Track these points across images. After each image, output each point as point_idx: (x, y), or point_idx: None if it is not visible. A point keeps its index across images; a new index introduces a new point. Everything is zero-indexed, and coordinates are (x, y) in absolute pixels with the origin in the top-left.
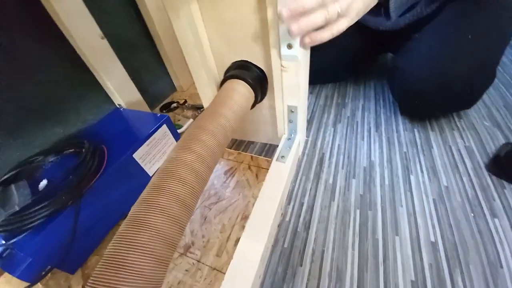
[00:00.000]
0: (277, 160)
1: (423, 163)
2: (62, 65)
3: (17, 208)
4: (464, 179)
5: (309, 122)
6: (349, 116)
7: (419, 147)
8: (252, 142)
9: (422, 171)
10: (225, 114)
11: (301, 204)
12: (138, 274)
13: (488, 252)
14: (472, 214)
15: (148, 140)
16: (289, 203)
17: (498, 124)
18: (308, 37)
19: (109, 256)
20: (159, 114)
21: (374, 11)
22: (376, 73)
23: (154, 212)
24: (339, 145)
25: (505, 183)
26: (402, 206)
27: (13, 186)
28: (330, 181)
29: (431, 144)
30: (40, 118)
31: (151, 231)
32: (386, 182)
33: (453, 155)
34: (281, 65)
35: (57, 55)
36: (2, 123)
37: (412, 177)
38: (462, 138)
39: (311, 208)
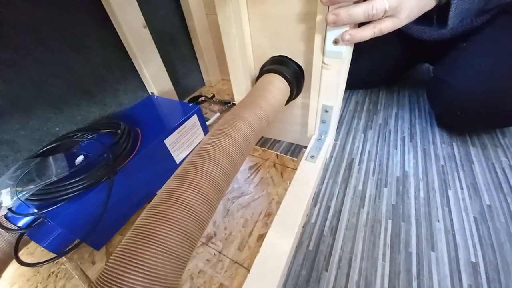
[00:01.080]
0: (306, 159)
1: (462, 179)
2: (106, 48)
3: (54, 179)
4: (509, 199)
5: (338, 125)
6: (381, 123)
7: (458, 162)
8: (278, 141)
9: (461, 187)
10: (262, 105)
11: (328, 208)
12: (164, 246)
13: None
14: None
15: (179, 128)
16: (315, 205)
17: None
18: (348, 33)
19: (139, 226)
20: (191, 104)
21: (421, 18)
22: (411, 81)
23: (187, 188)
24: (369, 151)
25: None
26: (438, 221)
27: (51, 158)
28: (360, 187)
29: (472, 160)
30: (83, 96)
31: (182, 206)
32: (421, 194)
33: (496, 173)
34: (323, 62)
35: (103, 38)
36: (49, 96)
37: (450, 192)
38: (507, 157)
39: (338, 213)
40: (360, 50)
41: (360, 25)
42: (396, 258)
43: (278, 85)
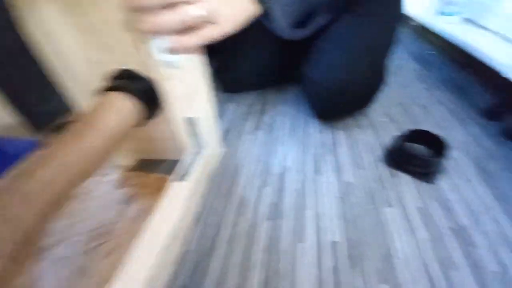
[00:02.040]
0: (176, 179)
1: (330, 162)
2: None
3: None
4: (364, 173)
5: (228, 132)
6: (269, 122)
7: (327, 147)
8: (164, 160)
9: (329, 170)
10: (88, 140)
11: (207, 225)
12: None
13: (382, 244)
14: (373, 206)
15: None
16: (195, 225)
17: (393, 119)
18: (171, 42)
19: None
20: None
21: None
22: (297, 78)
23: None
24: (257, 153)
25: (398, 172)
26: (308, 208)
27: None
28: (243, 193)
29: (338, 143)
30: None
31: None
32: (298, 186)
33: (358, 151)
34: (160, 72)
35: None
36: None
37: (320, 178)
38: (364, 134)
39: (217, 228)
40: (245, 52)
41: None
42: (271, 261)
43: (118, 105)
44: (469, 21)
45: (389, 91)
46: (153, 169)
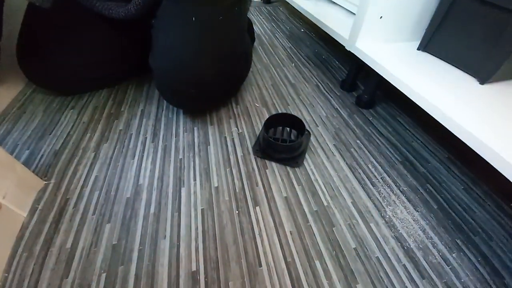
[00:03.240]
0: None
1: (197, 167)
2: None
3: None
4: (234, 171)
5: (58, 153)
6: (122, 129)
7: (196, 148)
8: None
9: (195, 178)
10: None
11: None
12: None
13: (248, 253)
14: (237, 211)
15: None
16: None
17: (266, 103)
18: None
19: None
20: None
21: None
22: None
23: None
24: (96, 176)
25: (267, 162)
26: (165, 237)
27: None
28: (69, 244)
29: (209, 141)
30: None
31: None
32: (152, 210)
33: (227, 147)
34: None
35: None
36: None
37: (183, 190)
38: (237, 126)
39: None
40: (71, 41)
41: None
42: None
43: None
44: None
45: (263, 71)
46: None
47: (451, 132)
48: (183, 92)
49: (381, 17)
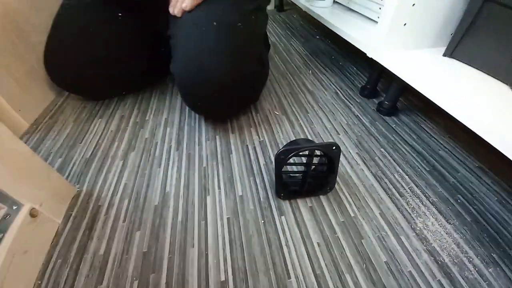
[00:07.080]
0: None
1: (221, 175)
2: None
3: None
4: (258, 180)
5: (88, 162)
6: (148, 137)
7: (219, 156)
8: None
9: (219, 187)
10: None
11: None
12: None
13: (276, 264)
14: (263, 221)
15: None
16: None
17: (286, 111)
18: None
19: None
20: None
21: None
22: None
23: None
24: (126, 184)
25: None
26: (193, 246)
27: None
28: (102, 250)
29: (231, 149)
30: None
31: None
32: (179, 218)
33: (249, 155)
34: None
35: None
36: None
37: (208, 199)
38: (258, 134)
39: None
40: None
41: None
42: None
43: None
44: (338, 4)
45: (280, 79)
46: None
47: (481, 141)
48: (204, 95)
49: (405, 24)
